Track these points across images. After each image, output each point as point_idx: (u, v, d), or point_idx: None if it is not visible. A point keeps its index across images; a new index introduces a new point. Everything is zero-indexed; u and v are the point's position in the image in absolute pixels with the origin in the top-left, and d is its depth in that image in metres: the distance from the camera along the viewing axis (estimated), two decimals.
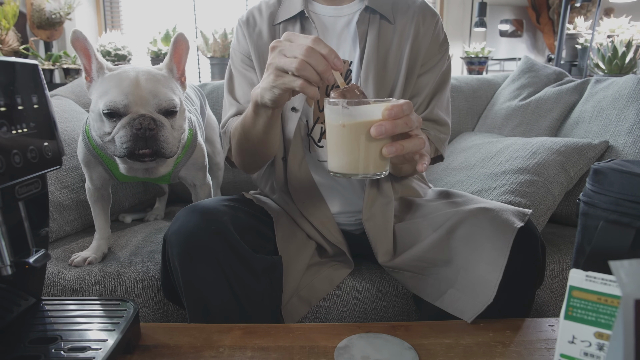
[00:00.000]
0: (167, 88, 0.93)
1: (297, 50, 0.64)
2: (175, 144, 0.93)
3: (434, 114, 0.98)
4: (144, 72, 0.92)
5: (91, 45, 0.93)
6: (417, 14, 0.97)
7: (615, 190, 0.64)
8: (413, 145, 0.64)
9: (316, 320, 0.99)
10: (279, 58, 0.67)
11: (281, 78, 0.68)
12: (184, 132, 0.99)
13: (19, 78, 0.58)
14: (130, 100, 0.88)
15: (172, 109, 0.92)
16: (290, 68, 0.65)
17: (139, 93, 0.89)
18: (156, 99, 0.90)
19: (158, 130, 0.89)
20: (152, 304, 1.04)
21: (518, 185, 1.21)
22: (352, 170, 0.64)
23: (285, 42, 0.67)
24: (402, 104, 0.61)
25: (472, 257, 0.78)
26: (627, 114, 1.30)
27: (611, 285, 0.51)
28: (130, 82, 0.89)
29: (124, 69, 0.94)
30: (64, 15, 2.84)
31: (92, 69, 0.94)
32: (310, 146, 0.99)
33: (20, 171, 0.55)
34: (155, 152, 0.90)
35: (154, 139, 0.89)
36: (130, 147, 0.88)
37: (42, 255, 0.62)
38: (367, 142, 0.62)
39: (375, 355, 0.65)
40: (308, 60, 0.63)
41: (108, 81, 0.91)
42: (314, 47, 0.64)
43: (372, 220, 0.95)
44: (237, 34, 1.03)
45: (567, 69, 3.13)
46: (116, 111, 0.88)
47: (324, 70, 0.64)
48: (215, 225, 0.80)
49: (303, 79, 0.65)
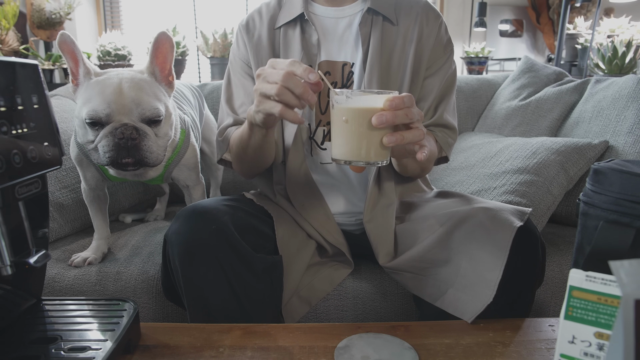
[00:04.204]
0: (150, 96, 0.91)
1: (277, 76, 0.67)
2: (160, 152, 0.92)
3: (443, 118, 0.98)
4: (127, 79, 0.90)
5: (79, 49, 0.91)
6: (420, 15, 0.97)
7: (615, 190, 0.64)
8: (413, 136, 0.66)
9: (316, 320, 0.99)
10: (262, 84, 0.70)
11: (263, 104, 0.71)
12: (170, 138, 0.97)
13: (19, 78, 0.58)
14: (113, 109, 0.87)
15: (156, 118, 0.91)
16: (270, 93, 0.68)
17: (121, 102, 0.87)
18: (139, 108, 0.89)
19: (141, 139, 0.88)
20: (152, 304, 1.04)
21: (518, 185, 1.21)
22: (354, 157, 0.67)
23: (268, 69, 0.70)
24: (404, 96, 0.64)
25: (472, 257, 0.78)
26: (627, 114, 1.30)
27: (611, 285, 0.51)
28: (112, 90, 0.88)
29: (108, 74, 0.92)
30: (64, 15, 2.84)
31: (80, 73, 0.92)
32: (312, 149, 0.99)
33: (20, 171, 0.55)
34: (138, 162, 0.89)
35: (136, 149, 0.88)
36: (112, 157, 0.87)
37: (42, 255, 0.62)
38: (369, 131, 0.65)
39: (375, 355, 0.65)
40: (286, 85, 0.66)
41: (92, 88, 0.89)
42: (290, 69, 0.67)
43: (373, 222, 0.95)
44: (237, 39, 1.03)
45: (567, 69, 3.13)
46: (98, 120, 0.87)
47: (301, 92, 0.66)
48: (216, 225, 0.80)
49: (283, 103, 0.67)
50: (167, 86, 0.98)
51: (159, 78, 0.96)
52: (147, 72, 0.94)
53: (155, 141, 0.91)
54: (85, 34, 3.46)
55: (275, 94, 0.67)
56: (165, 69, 0.97)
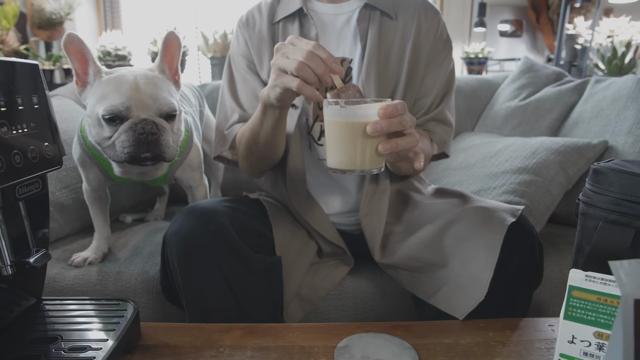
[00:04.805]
0: (165, 91, 0.92)
1: (299, 54, 0.68)
2: (175, 148, 0.93)
3: (443, 114, 0.99)
4: (142, 76, 0.90)
5: (89, 49, 0.91)
6: (419, 11, 0.97)
7: (614, 190, 0.64)
8: (407, 143, 0.67)
9: (316, 320, 1.00)
10: (281, 59, 0.71)
11: (281, 77, 0.71)
12: (181, 134, 0.99)
13: (19, 78, 0.58)
14: (132, 105, 0.88)
15: (172, 113, 0.92)
16: (289, 69, 0.69)
17: (139, 97, 0.88)
18: (157, 103, 0.90)
19: (160, 134, 0.89)
20: (152, 304, 1.04)
21: (517, 185, 1.21)
22: (350, 166, 0.67)
23: (288, 45, 0.71)
24: (397, 104, 0.64)
25: (465, 256, 0.79)
26: (627, 114, 1.30)
27: (611, 285, 0.51)
28: (129, 86, 0.88)
29: (121, 72, 0.92)
30: (64, 16, 2.84)
31: (89, 73, 0.92)
32: (310, 145, 0.99)
33: (21, 171, 0.56)
34: (157, 157, 0.90)
35: (156, 143, 0.88)
36: (132, 152, 0.88)
37: (42, 255, 0.62)
38: (364, 140, 0.65)
39: (375, 355, 0.65)
40: (308, 63, 0.67)
41: (106, 85, 0.90)
42: (315, 51, 0.68)
43: (369, 216, 0.95)
44: (238, 36, 1.03)
45: (567, 69, 3.14)
46: (118, 115, 0.88)
47: (322, 73, 0.68)
48: (214, 226, 0.80)
49: (301, 79, 0.68)
50: (175, 84, 0.99)
51: (168, 76, 0.97)
52: (157, 69, 0.95)
53: (172, 136, 0.92)
54: (85, 34, 3.46)
55: (295, 69, 0.68)
56: (172, 68, 0.98)
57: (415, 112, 0.99)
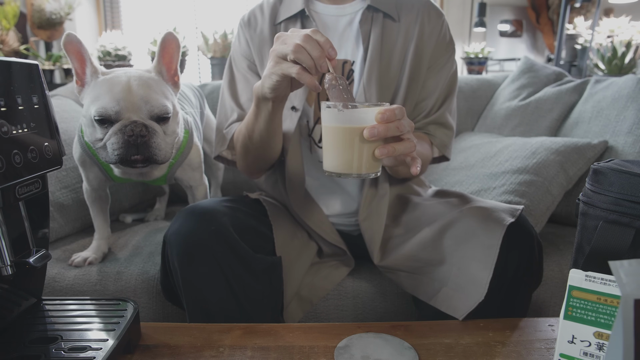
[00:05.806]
0: (158, 93, 0.92)
1: (296, 38, 0.68)
2: (169, 150, 0.93)
3: (444, 117, 0.99)
4: (135, 78, 0.90)
5: (86, 49, 0.91)
6: (422, 12, 0.96)
7: (614, 190, 0.64)
8: (404, 147, 0.66)
9: (316, 320, 1.00)
10: (280, 46, 0.71)
11: (279, 64, 0.71)
12: (177, 136, 0.98)
13: (19, 78, 0.58)
14: (122, 107, 0.87)
15: (164, 115, 0.91)
16: (287, 52, 0.68)
17: (130, 99, 0.88)
18: (148, 105, 0.89)
19: (150, 137, 0.88)
20: (152, 304, 1.04)
21: (517, 185, 1.21)
22: (346, 170, 0.67)
23: (287, 34, 0.71)
24: (395, 109, 0.64)
25: (464, 256, 0.79)
26: (627, 114, 1.30)
27: (611, 285, 0.51)
28: (121, 87, 0.88)
29: (116, 73, 0.92)
30: (64, 16, 2.84)
31: (87, 73, 0.92)
32: (311, 147, 0.99)
33: (21, 171, 0.56)
34: (147, 159, 0.89)
35: (145, 146, 0.88)
36: (121, 154, 0.88)
37: (42, 255, 0.62)
38: (361, 144, 0.65)
39: (375, 355, 0.65)
40: (304, 45, 0.67)
41: (100, 86, 0.90)
42: (312, 35, 0.68)
43: (368, 219, 0.95)
44: (239, 36, 1.02)
45: (567, 69, 3.14)
46: (107, 118, 0.88)
47: (318, 56, 0.67)
48: (215, 226, 0.80)
49: (299, 64, 0.68)
50: (173, 86, 0.99)
51: (166, 77, 0.97)
52: (154, 71, 0.95)
53: (164, 139, 0.92)
54: (85, 34, 3.46)
55: (291, 50, 0.67)
56: (171, 69, 0.98)
57: (416, 114, 0.99)
